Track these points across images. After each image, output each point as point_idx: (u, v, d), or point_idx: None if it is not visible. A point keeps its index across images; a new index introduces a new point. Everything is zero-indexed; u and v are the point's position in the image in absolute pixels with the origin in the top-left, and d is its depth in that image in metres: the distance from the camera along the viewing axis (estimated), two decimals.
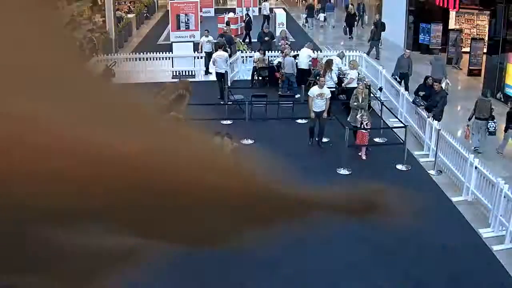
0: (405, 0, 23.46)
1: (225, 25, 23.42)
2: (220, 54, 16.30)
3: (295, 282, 7.63)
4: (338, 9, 32.69)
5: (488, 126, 12.26)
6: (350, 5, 28.42)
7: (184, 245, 1.22)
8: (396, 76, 15.92)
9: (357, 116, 11.97)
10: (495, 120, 12.35)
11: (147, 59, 19.21)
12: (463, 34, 20.95)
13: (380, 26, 23.30)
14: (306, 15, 30.51)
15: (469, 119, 12.51)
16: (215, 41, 18.88)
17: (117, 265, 1.11)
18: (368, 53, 20.84)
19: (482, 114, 12.28)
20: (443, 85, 15.69)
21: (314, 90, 12.37)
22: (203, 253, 7.49)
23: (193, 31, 20.42)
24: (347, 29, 27.12)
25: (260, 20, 28.10)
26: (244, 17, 25.51)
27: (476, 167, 9.79)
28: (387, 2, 26.46)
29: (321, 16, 30.69)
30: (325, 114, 12.39)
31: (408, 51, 16.88)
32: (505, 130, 12.27)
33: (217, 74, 16.37)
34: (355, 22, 27.48)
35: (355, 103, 12.10)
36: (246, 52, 19.65)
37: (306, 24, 30.13)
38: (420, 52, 22.57)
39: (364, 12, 28.90)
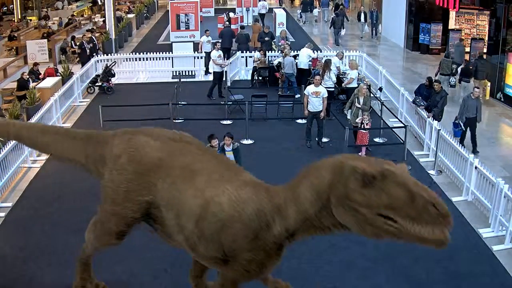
0: (405, 0, 23.47)
1: (254, 22, 24.07)
2: (216, 54, 16.31)
3: (295, 282, 7.62)
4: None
5: (450, 81, 16.21)
6: None
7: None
8: (459, 121, 12.25)
9: (357, 120, 11.96)
10: (455, 76, 16.32)
11: (147, 59, 19.23)
12: (464, 35, 20.97)
13: (340, 15, 24.80)
14: (300, 10, 31.43)
15: (436, 75, 15.79)
16: (214, 41, 18.85)
17: None
18: (336, 42, 24.21)
19: (445, 71, 15.97)
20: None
21: (309, 88, 12.38)
22: None
23: (193, 31, 20.44)
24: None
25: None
26: (225, 17, 25.39)
27: (476, 167, 9.79)
28: (387, 2, 26.46)
29: (315, 11, 31.34)
30: (322, 114, 12.38)
31: (477, 90, 12.36)
32: (459, 82, 16.29)
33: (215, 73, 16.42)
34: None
35: (358, 105, 12.08)
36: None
37: (301, 19, 30.97)
38: (420, 52, 22.63)
39: (377, 21, 26.00)
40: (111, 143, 6.03)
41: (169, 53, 19.44)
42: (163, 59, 19.37)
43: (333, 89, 14.41)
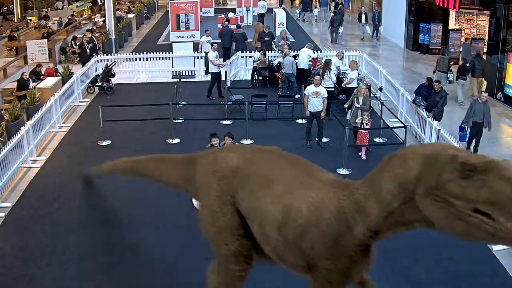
0: (405, 0, 23.47)
1: (256, 21, 24.40)
2: (214, 54, 16.28)
3: (295, 282, 7.61)
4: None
5: (448, 77, 16.17)
6: None
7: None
8: (465, 125, 12.12)
9: (357, 120, 11.96)
10: (452, 73, 16.30)
11: (147, 59, 19.23)
12: (464, 35, 20.98)
13: (339, 14, 25.14)
14: (300, 10, 31.65)
15: (434, 72, 16.28)
16: (213, 41, 18.86)
17: None
18: (332, 40, 24.75)
19: (441, 68, 16.22)
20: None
21: (309, 88, 12.39)
22: (202, 253, 7.45)
23: (193, 31, 20.45)
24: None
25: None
26: (224, 17, 25.40)
27: None
28: (387, 2, 26.45)
29: (315, 10, 31.48)
30: (323, 114, 12.38)
31: (485, 94, 12.03)
32: (457, 79, 16.04)
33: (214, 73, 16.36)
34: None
35: (358, 105, 12.08)
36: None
37: (300, 18, 31.17)
38: (420, 52, 22.63)
39: (379, 23, 25.64)
40: (199, 164, 5.99)
41: (169, 53, 19.44)
42: (163, 59, 19.36)
43: (333, 89, 14.41)
